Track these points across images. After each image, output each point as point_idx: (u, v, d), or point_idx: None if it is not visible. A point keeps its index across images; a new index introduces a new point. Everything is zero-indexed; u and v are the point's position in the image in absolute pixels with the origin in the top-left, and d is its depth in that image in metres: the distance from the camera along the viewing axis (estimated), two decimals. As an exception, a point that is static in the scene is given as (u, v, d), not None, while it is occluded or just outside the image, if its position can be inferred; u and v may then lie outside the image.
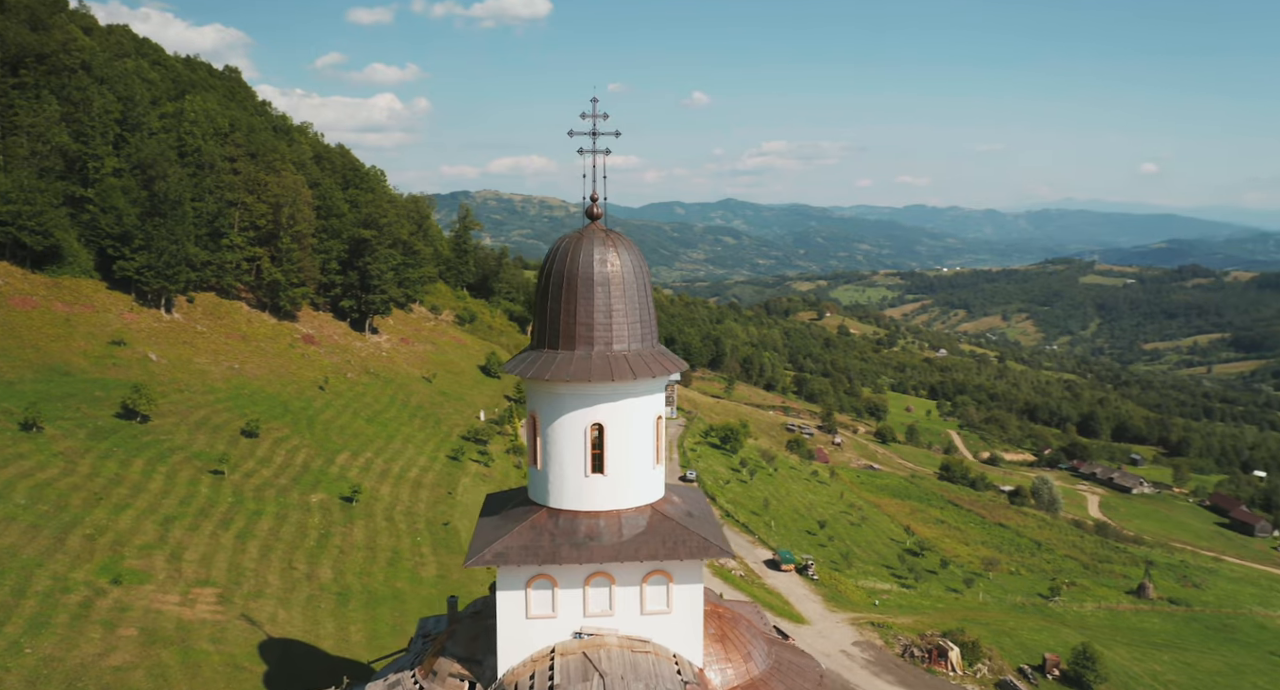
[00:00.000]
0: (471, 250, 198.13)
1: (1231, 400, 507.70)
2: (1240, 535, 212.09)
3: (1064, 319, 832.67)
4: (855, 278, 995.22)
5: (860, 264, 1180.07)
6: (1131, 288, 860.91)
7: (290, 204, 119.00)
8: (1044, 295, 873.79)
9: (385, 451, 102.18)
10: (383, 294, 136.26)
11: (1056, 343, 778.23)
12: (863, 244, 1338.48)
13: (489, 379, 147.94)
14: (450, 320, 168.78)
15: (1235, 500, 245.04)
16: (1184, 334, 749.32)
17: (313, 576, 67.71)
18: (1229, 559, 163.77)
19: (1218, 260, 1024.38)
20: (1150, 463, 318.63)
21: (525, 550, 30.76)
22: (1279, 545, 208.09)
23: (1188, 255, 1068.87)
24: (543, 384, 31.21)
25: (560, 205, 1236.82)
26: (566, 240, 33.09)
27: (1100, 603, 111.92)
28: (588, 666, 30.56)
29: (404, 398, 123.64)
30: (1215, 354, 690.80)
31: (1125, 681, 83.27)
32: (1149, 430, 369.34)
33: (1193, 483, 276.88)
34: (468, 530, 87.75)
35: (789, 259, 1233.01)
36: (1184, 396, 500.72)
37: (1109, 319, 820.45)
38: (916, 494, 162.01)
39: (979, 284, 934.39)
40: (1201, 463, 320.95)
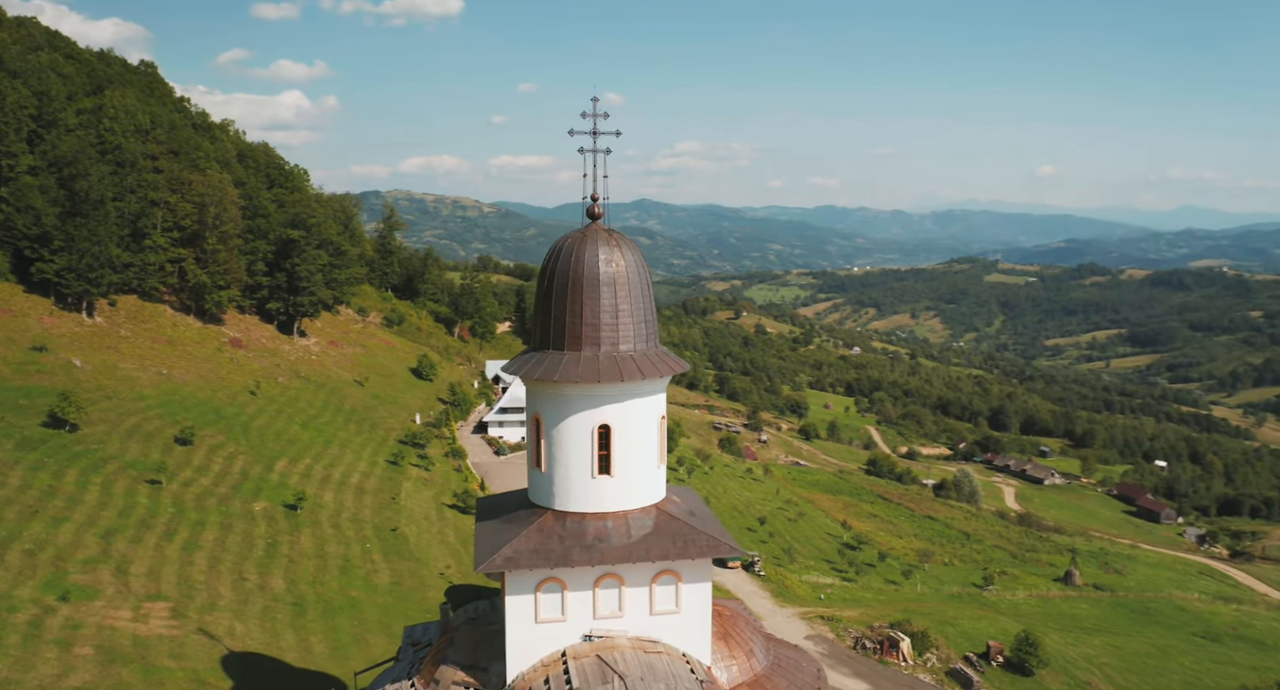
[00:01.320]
0: (396, 251, 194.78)
1: (1130, 393, 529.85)
2: (1147, 522, 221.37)
3: (970, 316, 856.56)
4: (769, 277, 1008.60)
5: (773, 264, 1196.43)
6: (1033, 286, 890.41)
7: (216, 203, 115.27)
8: (950, 293, 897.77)
9: (324, 457, 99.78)
10: (311, 296, 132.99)
11: (963, 339, 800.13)
12: (775, 244, 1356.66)
13: (421, 382, 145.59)
14: (378, 322, 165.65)
15: (1141, 489, 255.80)
16: (1083, 330, 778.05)
17: (265, 587, 65.69)
18: (1143, 546, 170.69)
19: (1113, 259, 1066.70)
20: (1058, 454, 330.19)
21: (535, 554, 30.27)
22: (1184, 532, 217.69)
23: (1085, 254, 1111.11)
24: (550, 386, 30.75)
25: (474, 205, 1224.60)
26: (569, 240, 32.72)
27: (1031, 590, 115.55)
28: (604, 669, 30.25)
29: (337, 402, 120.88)
30: (1113, 349, 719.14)
31: (1063, 665, 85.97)
32: (1055, 423, 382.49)
33: (1100, 473, 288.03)
34: (416, 536, 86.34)
35: (704, 259, 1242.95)
36: (1086, 390, 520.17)
37: (1012, 316, 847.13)
38: (847, 489, 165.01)
39: (888, 283, 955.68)
40: (1106, 454, 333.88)
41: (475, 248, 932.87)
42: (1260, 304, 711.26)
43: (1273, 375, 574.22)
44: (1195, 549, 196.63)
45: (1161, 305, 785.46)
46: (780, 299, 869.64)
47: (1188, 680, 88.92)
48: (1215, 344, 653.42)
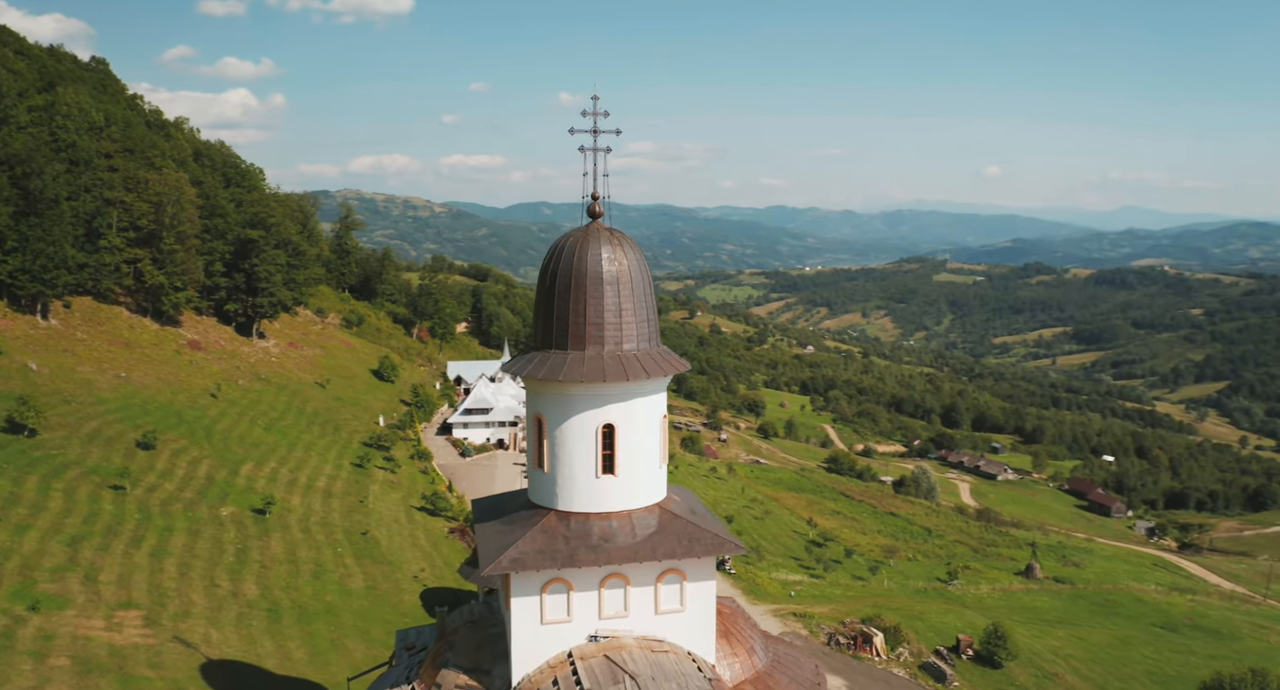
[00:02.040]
0: (353, 251, 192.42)
1: (1076, 390, 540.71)
2: (1099, 516, 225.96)
3: (919, 315, 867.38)
4: (722, 277, 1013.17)
5: (726, 264, 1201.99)
6: (981, 285, 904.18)
7: (173, 203, 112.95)
8: (900, 293, 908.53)
9: (289, 460, 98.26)
10: (270, 297, 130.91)
11: (913, 338, 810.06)
12: (727, 244, 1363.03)
13: (383, 383, 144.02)
14: (337, 323, 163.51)
15: (1091, 484, 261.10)
16: (1030, 328, 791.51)
17: (238, 593, 64.45)
18: (1099, 540, 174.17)
19: (1058, 258, 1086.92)
20: (1010, 450, 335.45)
21: (541, 554, 30.00)
22: (1134, 525, 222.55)
23: (1031, 253, 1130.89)
24: (554, 385, 30.48)
25: (425, 205, 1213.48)
26: (571, 239, 32.49)
27: (994, 584, 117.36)
28: (614, 669, 30.09)
29: (299, 404, 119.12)
30: (1059, 347, 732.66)
31: (1030, 658, 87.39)
32: (1006, 420, 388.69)
33: (1050, 468, 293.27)
34: (387, 540, 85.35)
35: (656, 259, 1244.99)
36: (1033, 387, 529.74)
37: (961, 314, 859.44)
38: (810, 487, 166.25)
39: (839, 283, 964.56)
40: (1055, 449, 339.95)
41: (427, 248, 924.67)
42: (1200, 302, 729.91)
43: (1213, 372, 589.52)
44: (1145, 542, 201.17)
45: (1105, 303, 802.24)
46: (733, 299, 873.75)
47: (1150, 670, 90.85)
48: (1157, 341, 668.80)
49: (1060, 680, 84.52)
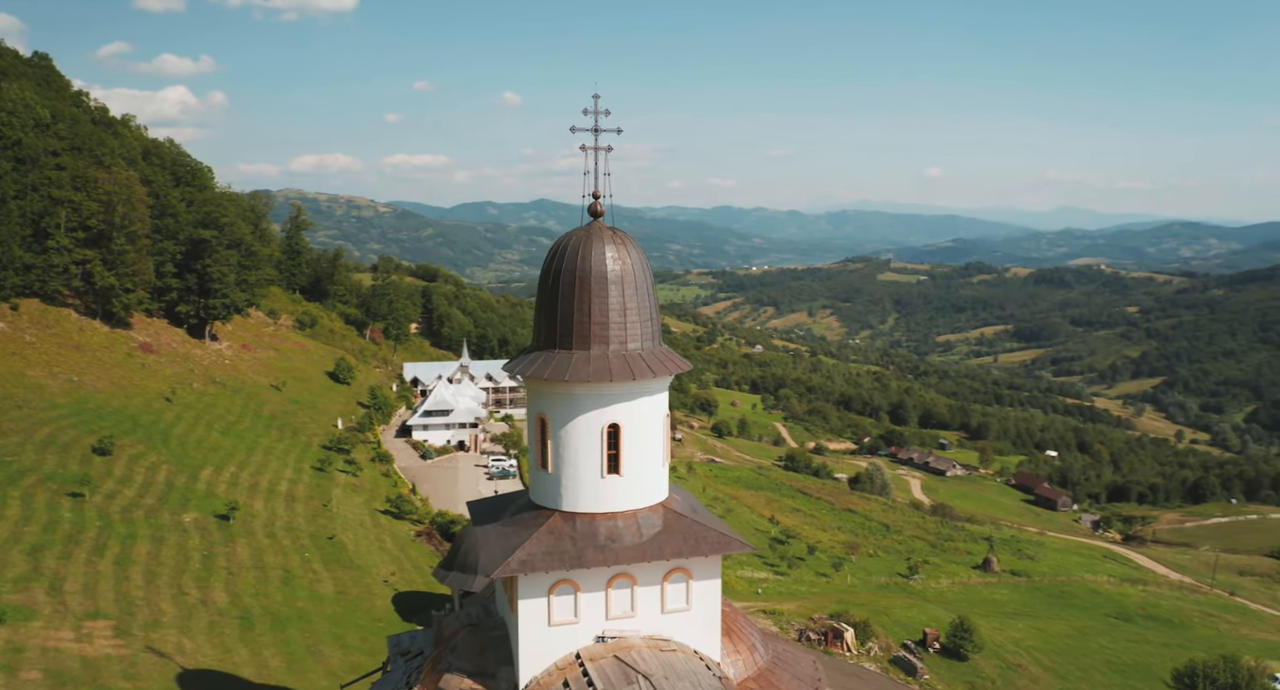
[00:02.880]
0: (304, 251, 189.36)
1: (1018, 387, 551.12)
2: (1046, 510, 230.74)
3: (864, 314, 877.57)
4: (670, 277, 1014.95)
5: (673, 263, 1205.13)
6: (924, 284, 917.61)
7: (124, 202, 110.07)
8: (845, 292, 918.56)
9: (248, 465, 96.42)
10: (224, 298, 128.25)
11: (858, 336, 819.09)
12: (674, 244, 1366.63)
13: (339, 385, 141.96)
14: (289, 325, 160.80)
15: (1037, 478, 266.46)
16: (972, 326, 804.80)
17: (208, 601, 63.06)
18: (1050, 533, 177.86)
19: (998, 258, 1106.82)
20: (956, 446, 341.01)
21: (549, 556, 29.74)
22: (1079, 518, 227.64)
23: (972, 253, 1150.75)
24: (559, 385, 30.25)
25: (369, 205, 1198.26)
26: (574, 238, 32.27)
27: (954, 579, 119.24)
28: (626, 669, 29.97)
29: (256, 407, 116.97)
30: (1000, 344, 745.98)
31: (994, 650, 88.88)
32: (952, 416, 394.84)
33: (997, 464, 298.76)
34: (354, 544, 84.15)
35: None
36: (977, 384, 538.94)
37: (905, 313, 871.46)
38: (768, 485, 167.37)
39: (786, 282, 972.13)
40: (1000, 445, 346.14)
41: (371, 248, 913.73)
42: (1136, 300, 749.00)
43: (1149, 368, 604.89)
44: (1091, 534, 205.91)
45: (1044, 302, 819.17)
46: (681, 298, 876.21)
47: (1108, 660, 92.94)
48: (1095, 338, 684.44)
49: (1024, 671, 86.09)
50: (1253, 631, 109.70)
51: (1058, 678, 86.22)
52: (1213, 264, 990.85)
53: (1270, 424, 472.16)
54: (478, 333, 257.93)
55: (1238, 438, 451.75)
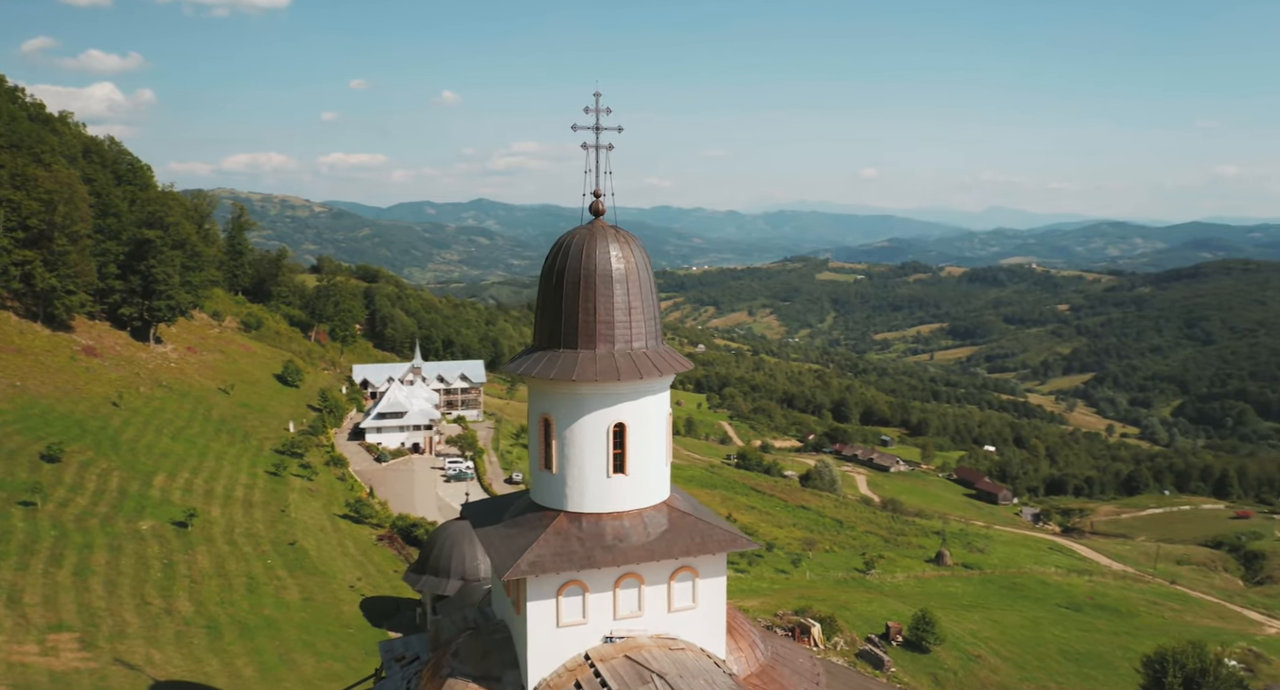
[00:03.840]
0: (247, 252, 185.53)
1: (954, 383, 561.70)
2: (987, 504, 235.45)
3: (803, 313, 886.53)
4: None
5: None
6: (861, 283, 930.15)
7: (66, 201, 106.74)
8: (784, 291, 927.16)
9: (201, 470, 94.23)
10: (169, 300, 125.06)
11: (798, 335, 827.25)
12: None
13: (288, 388, 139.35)
14: (234, 327, 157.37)
15: (978, 473, 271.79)
16: (908, 324, 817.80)
17: (172, 611, 61.44)
18: (997, 527, 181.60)
19: (932, 257, 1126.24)
20: (898, 442, 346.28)
21: (558, 557, 29.51)
22: (1020, 511, 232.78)
23: (907, 253, 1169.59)
24: (564, 385, 30.03)
25: (304, 205, 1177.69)
26: (577, 236, 32.08)
27: (908, 572, 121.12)
28: (639, 669, 29.86)
29: (205, 412, 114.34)
30: (936, 342, 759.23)
31: (954, 642, 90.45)
32: (892, 413, 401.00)
33: (938, 459, 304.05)
34: (316, 549, 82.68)
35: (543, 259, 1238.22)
36: (915, 381, 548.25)
37: (843, 312, 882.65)
38: (721, 483, 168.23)
39: (726, 282, 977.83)
40: (940, 440, 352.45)
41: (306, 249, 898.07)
42: (1066, 298, 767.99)
43: (1079, 364, 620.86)
44: (1032, 527, 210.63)
45: (978, 300, 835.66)
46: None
47: (1062, 648, 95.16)
48: (1028, 335, 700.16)
49: (983, 662, 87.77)
50: (1196, 618, 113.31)
51: (1016, 667, 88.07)
52: (1139, 263, 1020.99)
53: (1196, 417, 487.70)
54: (422, 334, 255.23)
55: (1165, 431, 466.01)
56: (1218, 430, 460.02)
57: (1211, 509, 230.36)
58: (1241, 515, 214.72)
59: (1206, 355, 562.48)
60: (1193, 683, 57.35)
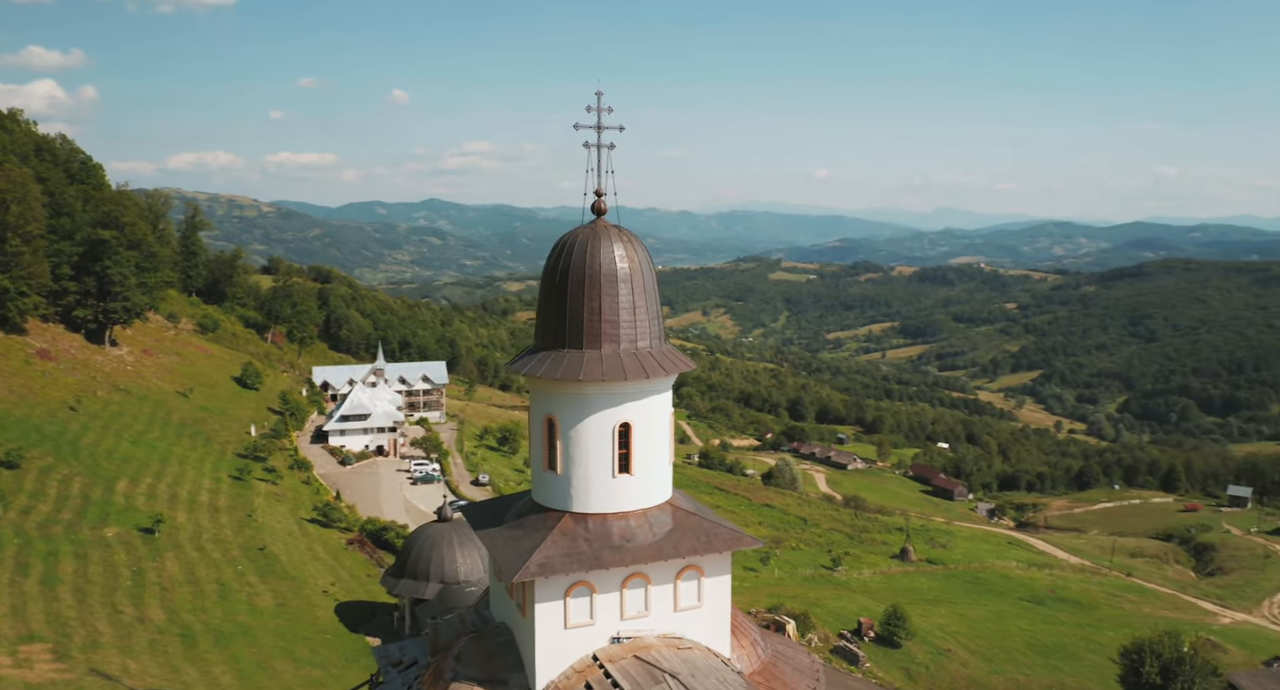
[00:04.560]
0: (201, 252, 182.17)
1: (906, 381, 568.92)
2: (944, 500, 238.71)
3: (757, 312, 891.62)
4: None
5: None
6: (814, 283, 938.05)
7: (18, 201, 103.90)
8: (738, 291, 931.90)
9: (164, 475, 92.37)
10: (125, 302, 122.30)
11: (751, 335, 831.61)
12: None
13: (248, 391, 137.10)
14: (191, 329, 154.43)
15: (933, 469, 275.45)
16: (860, 324, 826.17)
17: (145, 619, 60.15)
18: (957, 523, 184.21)
19: (883, 257, 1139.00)
20: (853, 440, 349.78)
21: (567, 558, 29.39)
22: (975, 507, 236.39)
23: (858, 252, 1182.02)
24: (570, 385, 29.92)
25: (252, 204, 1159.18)
26: (580, 236, 31.97)
27: (874, 569, 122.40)
28: (650, 669, 29.83)
29: (164, 415, 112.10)
30: (888, 341, 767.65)
31: (923, 637, 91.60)
32: (847, 411, 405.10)
33: (894, 457, 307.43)
34: (286, 554, 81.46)
35: (496, 259, 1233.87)
36: (868, 380, 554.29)
37: (796, 311, 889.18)
38: (685, 482, 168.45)
39: (680, 282, 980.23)
40: (895, 438, 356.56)
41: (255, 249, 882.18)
42: (1013, 297, 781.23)
43: (1028, 361, 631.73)
44: (987, 522, 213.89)
45: (928, 299, 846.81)
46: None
47: (1028, 641, 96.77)
48: (977, 334, 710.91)
49: (953, 656, 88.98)
50: (1154, 610, 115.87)
51: (985, 661, 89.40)
52: (1083, 262, 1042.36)
53: (1140, 413, 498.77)
54: (377, 335, 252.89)
55: (1111, 427, 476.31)
56: (1162, 426, 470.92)
57: (1160, 503, 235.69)
58: (1190, 508, 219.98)
59: (1150, 352, 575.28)
60: (1169, 672, 58.77)
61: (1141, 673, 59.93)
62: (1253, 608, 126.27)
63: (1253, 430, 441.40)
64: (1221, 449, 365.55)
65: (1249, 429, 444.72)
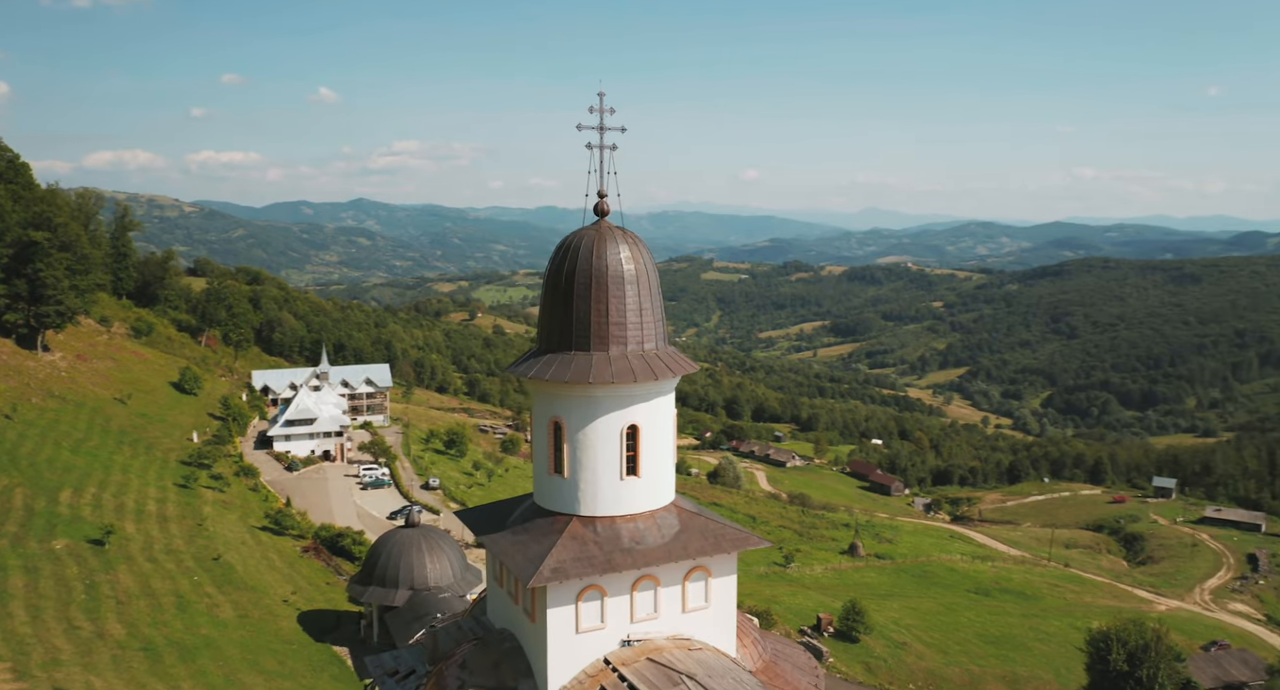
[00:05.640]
0: (132, 254, 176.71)
1: (838, 379, 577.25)
2: (881, 495, 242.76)
3: (690, 312, 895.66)
4: (496, 278, 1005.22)
5: (498, 264, 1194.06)
6: (746, 282, 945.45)
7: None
8: (671, 291, 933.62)
9: (109, 485, 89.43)
10: (58, 305, 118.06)
11: (685, 335, 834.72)
12: (499, 245, 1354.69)
13: (187, 396, 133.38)
14: (124, 333, 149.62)
15: (870, 466, 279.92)
16: (791, 322, 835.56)
17: (104, 634, 58.15)
18: (900, 518, 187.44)
19: (812, 256, 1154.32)
20: (790, 438, 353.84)
21: (579, 562, 29.28)
22: (912, 502, 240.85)
23: (788, 252, 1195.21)
24: (579, 388, 29.81)
25: (173, 204, 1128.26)
26: (585, 237, 31.86)
27: (826, 565, 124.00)
28: (667, 671, 29.86)
29: (103, 423, 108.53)
30: (819, 339, 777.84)
31: (879, 630, 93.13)
32: (783, 410, 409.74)
33: (831, 453, 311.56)
34: (241, 564, 79.48)
35: (426, 260, 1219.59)
36: (801, 378, 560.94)
37: (728, 311, 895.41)
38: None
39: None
40: (830, 435, 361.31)
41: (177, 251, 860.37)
42: (940, 295, 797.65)
43: (954, 359, 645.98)
44: (924, 516, 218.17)
45: (858, 298, 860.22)
46: (509, 299, 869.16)
47: (979, 632, 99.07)
48: (905, 332, 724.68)
49: (909, 648, 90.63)
50: (1095, 599, 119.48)
51: (940, 652, 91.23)
52: (1006, 261, 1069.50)
53: (1064, 408, 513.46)
54: (311, 337, 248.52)
55: (1036, 421, 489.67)
56: (1084, 419, 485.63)
57: (1089, 494, 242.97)
58: (1118, 500, 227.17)
59: (1071, 349, 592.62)
60: (1135, 659, 60.66)
61: (1109, 660, 61.80)
62: (1185, 594, 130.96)
63: (1170, 423, 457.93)
64: (1142, 441, 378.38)
65: (1166, 422, 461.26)
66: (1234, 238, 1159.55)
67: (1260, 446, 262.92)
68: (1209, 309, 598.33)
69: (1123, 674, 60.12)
